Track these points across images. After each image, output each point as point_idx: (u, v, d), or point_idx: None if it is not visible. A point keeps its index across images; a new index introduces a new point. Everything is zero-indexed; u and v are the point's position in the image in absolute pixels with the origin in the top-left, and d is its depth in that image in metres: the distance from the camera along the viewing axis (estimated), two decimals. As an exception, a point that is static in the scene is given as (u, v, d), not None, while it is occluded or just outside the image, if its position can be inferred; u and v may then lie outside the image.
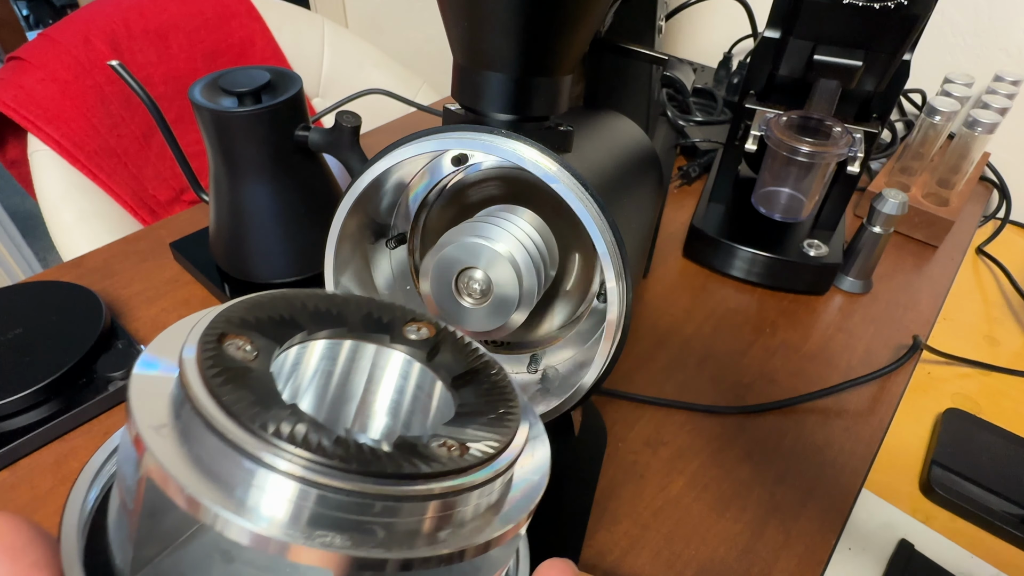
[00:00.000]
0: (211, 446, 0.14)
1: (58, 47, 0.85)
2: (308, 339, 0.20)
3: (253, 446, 0.14)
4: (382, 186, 0.32)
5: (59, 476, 0.42)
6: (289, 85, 0.48)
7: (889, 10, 0.47)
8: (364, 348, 0.23)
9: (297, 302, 0.20)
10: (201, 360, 0.15)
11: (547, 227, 0.31)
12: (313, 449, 0.14)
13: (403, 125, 0.88)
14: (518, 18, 0.25)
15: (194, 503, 0.13)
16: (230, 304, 0.18)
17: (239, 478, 0.14)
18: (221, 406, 0.14)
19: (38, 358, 0.45)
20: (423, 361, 0.22)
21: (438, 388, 0.22)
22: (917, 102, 0.86)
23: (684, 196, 0.74)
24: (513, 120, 0.28)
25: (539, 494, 0.18)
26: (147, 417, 0.14)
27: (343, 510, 0.14)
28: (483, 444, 0.17)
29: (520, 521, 0.17)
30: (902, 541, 0.42)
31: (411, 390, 0.23)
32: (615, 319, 0.28)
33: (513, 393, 0.20)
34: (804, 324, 0.58)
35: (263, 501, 0.14)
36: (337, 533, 0.13)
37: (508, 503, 0.17)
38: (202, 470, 0.14)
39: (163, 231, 0.65)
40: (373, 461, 0.14)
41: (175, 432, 0.14)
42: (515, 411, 0.19)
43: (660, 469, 0.45)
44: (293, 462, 0.14)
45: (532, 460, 0.19)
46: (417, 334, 0.22)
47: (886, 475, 0.46)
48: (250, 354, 0.17)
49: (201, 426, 0.14)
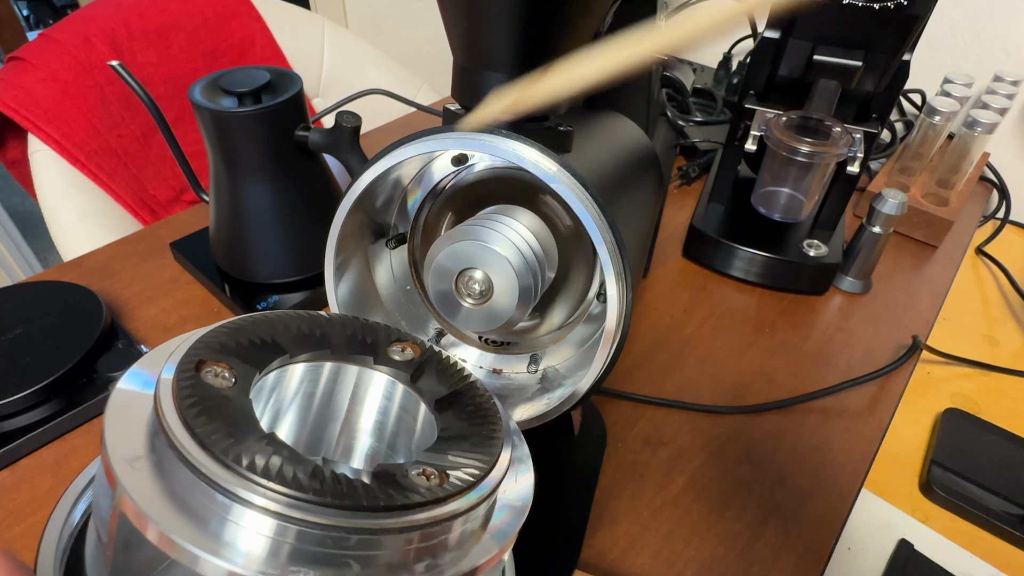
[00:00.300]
0: (184, 480, 0.14)
1: (58, 47, 0.85)
2: (289, 362, 0.20)
3: (227, 480, 0.13)
4: (382, 186, 0.32)
5: (59, 476, 0.42)
6: (289, 85, 0.49)
7: (889, 10, 0.47)
8: (346, 369, 0.23)
9: (280, 325, 0.20)
10: (177, 390, 0.15)
11: (547, 227, 0.31)
12: (288, 483, 0.14)
13: (403, 125, 0.88)
14: (518, 18, 0.25)
15: (166, 540, 0.13)
16: (212, 328, 0.18)
17: (213, 513, 0.13)
18: (195, 438, 0.14)
19: (38, 358, 0.45)
20: (407, 383, 0.22)
21: (422, 410, 0.22)
22: (917, 102, 0.86)
23: (684, 196, 0.74)
24: (513, 120, 0.28)
25: (521, 520, 0.18)
26: (120, 448, 0.14)
27: (318, 544, 0.14)
28: (462, 472, 0.17)
29: (503, 548, 0.17)
30: (902, 541, 0.42)
31: (395, 411, 0.23)
32: (615, 319, 0.28)
33: (497, 415, 0.20)
34: (804, 324, 0.58)
35: (237, 537, 0.13)
36: (312, 567, 0.13)
37: (490, 530, 0.17)
38: (176, 504, 0.13)
39: (163, 231, 0.65)
40: (349, 494, 0.14)
41: (149, 464, 0.14)
42: (498, 435, 0.19)
43: (660, 469, 0.45)
44: (267, 497, 0.13)
45: (515, 485, 0.19)
46: (402, 355, 0.22)
47: (886, 475, 0.47)
48: (228, 381, 0.16)
49: (174, 459, 0.14)
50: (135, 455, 0.14)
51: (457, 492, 0.16)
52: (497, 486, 0.17)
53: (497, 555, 0.16)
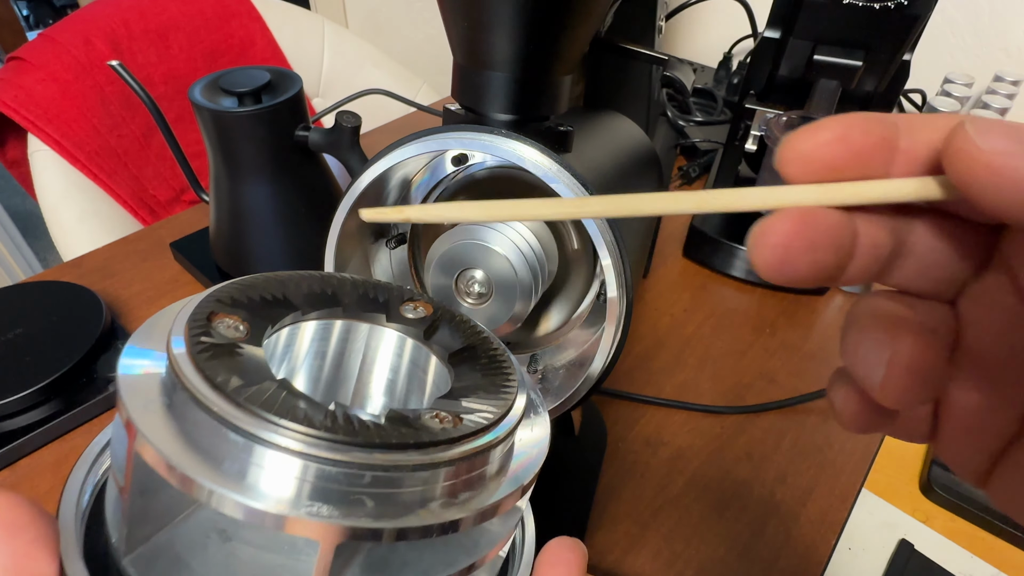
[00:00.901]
0: (200, 422, 0.14)
1: (58, 47, 0.85)
2: (300, 319, 0.20)
3: (241, 420, 0.13)
4: (382, 186, 0.32)
5: (59, 476, 0.42)
6: (289, 85, 0.48)
7: (889, 10, 0.47)
8: (358, 328, 0.23)
9: (291, 283, 0.20)
10: (190, 338, 0.15)
11: (546, 227, 0.31)
12: (301, 421, 0.14)
13: (403, 125, 0.88)
14: (518, 18, 0.25)
15: (186, 480, 0.13)
16: (221, 285, 0.18)
17: (228, 453, 0.14)
18: (207, 380, 0.14)
19: (38, 358, 0.45)
20: (419, 339, 0.22)
21: (433, 364, 0.22)
22: (917, 102, 0.86)
23: (684, 196, 0.74)
24: (513, 120, 0.28)
25: (538, 466, 0.18)
26: (136, 399, 0.14)
27: (332, 481, 0.14)
28: (477, 416, 0.17)
29: (516, 492, 0.17)
30: (902, 541, 0.42)
31: (405, 368, 0.23)
32: (615, 319, 0.28)
33: (511, 367, 0.20)
34: (804, 324, 0.58)
35: (253, 475, 0.13)
36: (326, 504, 0.13)
37: (505, 475, 0.17)
38: (192, 447, 0.14)
39: (163, 231, 0.65)
40: (362, 432, 0.14)
41: (165, 412, 0.14)
42: (512, 384, 0.19)
43: (660, 469, 0.45)
44: (282, 435, 0.13)
45: (531, 433, 0.19)
46: (414, 313, 0.22)
47: (886, 475, 0.46)
48: (240, 333, 0.16)
49: (188, 401, 0.14)
50: (149, 401, 0.14)
51: (470, 433, 0.16)
52: (513, 430, 0.17)
53: (509, 499, 0.16)
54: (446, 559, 0.17)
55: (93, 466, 0.17)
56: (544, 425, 0.20)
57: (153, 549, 0.15)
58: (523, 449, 0.18)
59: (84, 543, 0.15)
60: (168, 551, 0.15)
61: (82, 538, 0.15)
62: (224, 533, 0.16)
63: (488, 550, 0.17)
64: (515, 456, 0.18)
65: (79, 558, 0.14)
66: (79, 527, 0.15)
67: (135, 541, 0.15)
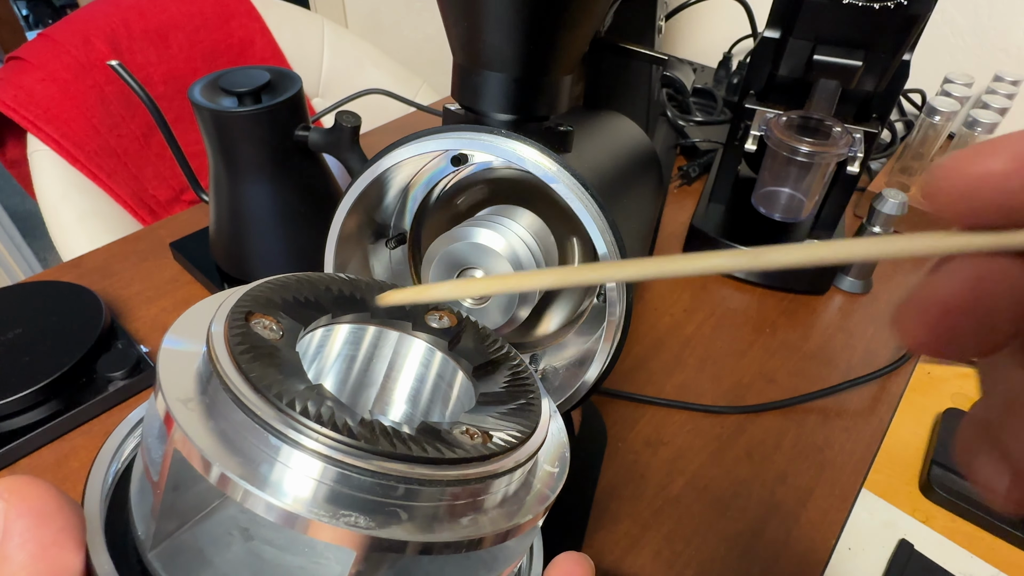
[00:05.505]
0: (238, 422, 0.14)
1: (58, 47, 0.85)
2: (333, 322, 0.20)
3: (281, 423, 0.14)
4: (382, 186, 0.32)
5: (59, 476, 0.42)
6: (289, 85, 0.48)
7: (889, 10, 0.47)
8: (387, 335, 0.23)
9: (321, 285, 0.20)
10: (229, 336, 0.15)
11: (546, 227, 0.31)
12: (340, 429, 0.14)
13: (403, 125, 0.88)
14: (518, 18, 0.25)
15: (224, 478, 0.13)
16: (256, 284, 0.18)
17: (266, 454, 0.14)
18: (249, 382, 0.14)
19: (38, 358, 0.45)
20: (444, 350, 0.22)
21: (459, 378, 0.22)
22: (917, 102, 0.86)
23: (684, 196, 0.74)
24: (513, 120, 0.28)
25: (559, 485, 0.18)
26: (175, 390, 0.14)
27: (367, 491, 0.14)
28: (505, 433, 0.17)
29: (539, 512, 0.17)
30: (902, 541, 0.42)
31: (432, 378, 0.23)
32: (615, 319, 0.28)
33: (534, 384, 0.20)
34: (804, 324, 0.58)
35: (289, 478, 0.14)
36: (361, 514, 0.13)
37: (529, 493, 0.17)
38: (229, 445, 0.14)
39: (163, 231, 0.64)
40: (399, 444, 0.14)
41: (202, 407, 0.14)
42: (536, 402, 0.19)
43: (660, 469, 0.45)
44: (320, 441, 0.14)
45: (552, 451, 0.19)
46: (439, 323, 0.22)
47: (886, 475, 0.46)
48: (276, 333, 0.17)
49: (228, 401, 0.14)
50: (188, 397, 0.14)
51: (501, 452, 0.16)
52: (539, 449, 0.18)
53: (533, 519, 0.16)
54: (466, 573, 0.17)
55: (115, 455, 0.17)
56: (563, 440, 0.20)
57: (178, 544, 0.15)
58: (545, 467, 0.18)
59: (107, 532, 0.15)
60: (192, 547, 0.16)
61: (105, 527, 0.15)
62: (246, 532, 0.17)
63: (506, 566, 0.17)
64: (537, 474, 0.18)
65: (105, 550, 0.14)
66: (103, 517, 0.15)
67: (161, 535, 0.15)
